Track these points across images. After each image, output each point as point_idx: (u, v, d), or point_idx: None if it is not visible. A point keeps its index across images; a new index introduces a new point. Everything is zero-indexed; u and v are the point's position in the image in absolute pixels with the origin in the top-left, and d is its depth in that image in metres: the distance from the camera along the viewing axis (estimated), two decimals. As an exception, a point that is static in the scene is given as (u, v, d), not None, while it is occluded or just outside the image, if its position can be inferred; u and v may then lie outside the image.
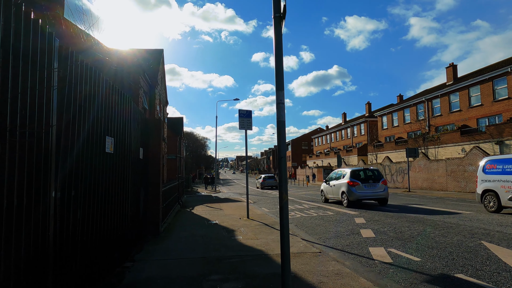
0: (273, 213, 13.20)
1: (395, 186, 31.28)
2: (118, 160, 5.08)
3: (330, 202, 16.34)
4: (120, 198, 5.26)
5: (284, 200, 3.36)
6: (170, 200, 12.34)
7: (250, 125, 11.60)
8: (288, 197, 18.50)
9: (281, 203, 3.46)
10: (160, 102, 16.88)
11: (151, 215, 8.10)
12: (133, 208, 6.32)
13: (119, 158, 5.17)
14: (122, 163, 5.36)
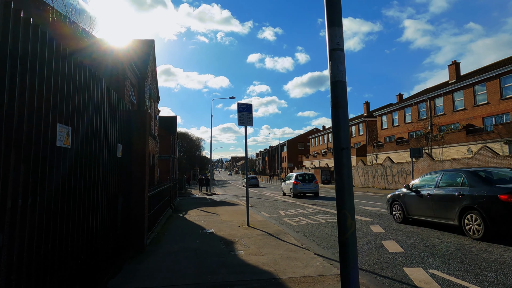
0: (275, 219, 11.90)
1: (396, 187, 30.15)
2: (79, 158, 3.73)
3: (286, 195, 23.72)
4: (84, 210, 3.91)
5: (350, 231, 2.04)
6: (160, 205, 10.98)
7: (251, 120, 10.29)
8: (288, 200, 16.99)
9: (344, 235, 2.04)
10: (150, 97, 15.50)
11: (135, 225, 6.75)
12: (106, 220, 4.98)
13: (82, 156, 3.83)
14: (87, 162, 4.01)
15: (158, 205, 10.00)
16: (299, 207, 15.64)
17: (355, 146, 48.33)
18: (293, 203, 17.96)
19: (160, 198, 11.09)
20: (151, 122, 14.07)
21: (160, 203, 10.74)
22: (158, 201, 10.34)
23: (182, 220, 11.59)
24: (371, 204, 16.14)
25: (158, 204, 10.22)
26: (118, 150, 5.68)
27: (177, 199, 19.49)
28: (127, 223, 6.48)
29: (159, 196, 10.83)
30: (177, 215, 13.29)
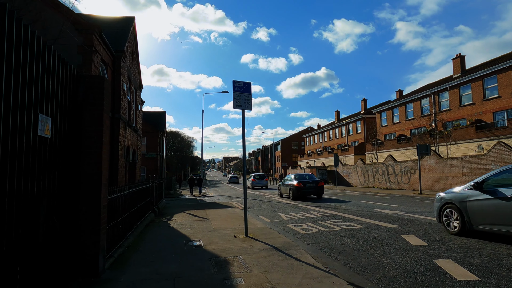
0: (277, 225, 9.84)
1: (399, 187, 28.41)
2: None
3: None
4: None
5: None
6: (137, 209, 8.84)
7: (249, 103, 8.22)
8: (288, 201, 14.89)
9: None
10: (130, 83, 13.32)
11: (83, 243, 4.62)
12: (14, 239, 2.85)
13: None
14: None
15: (130, 211, 7.84)
16: (303, 210, 13.60)
17: (352, 144, 46.58)
18: (294, 205, 15.92)
19: (136, 201, 8.94)
20: (124, 104, 11.93)
21: (135, 207, 8.60)
22: (132, 205, 8.19)
23: (164, 228, 9.44)
24: (384, 205, 14.19)
25: (132, 208, 8.08)
26: (41, 126, 3.54)
27: (163, 201, 17.30)
28: (66, 240, 4.35)
29: (135, 199, 8.69)
30: (160, 221, 11.14)
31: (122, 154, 11.42)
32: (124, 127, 11.60)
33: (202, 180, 30.11)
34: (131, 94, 13.32)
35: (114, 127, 10.85)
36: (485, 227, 6.59)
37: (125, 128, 11.85)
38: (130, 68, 13.29)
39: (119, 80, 11.07)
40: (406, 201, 16.15)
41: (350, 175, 37.73)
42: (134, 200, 9.04)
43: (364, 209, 12.89)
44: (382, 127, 39.24)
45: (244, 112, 8.17)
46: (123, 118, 11.35)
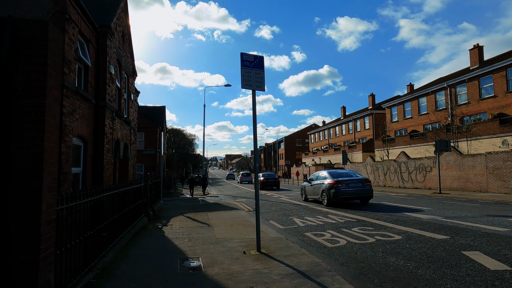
0: (294, 233, 8.13)
1: (413, 186, 26.63)
2: None
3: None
4: None
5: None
6: (122, 216, 7.16)
7: (262, 81, 6.49)
8: (299, 203, 13.07)
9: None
10: (120, 67, 11.60)
11: (14, 280, 2.91)
12: None
13: None
14: None
15: (112, 218, 6.14)
16: (318, 213, 11.88)
17: (360, 141, 44.75)
18: (307, 207, 14.18)
19: (122, 205, 7.25)
20: (111, 90, 10.18)
21: (120, 213, 6.90)
22: (115, 210, 6.49)
23: (156, 238, 7.73)
24: (410, 208, 12.44)
25: (115, 214, 6.38)
26: None
27: (160, 201, 15.62)
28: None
29: (121, 202, 7.00)
30: (153, 227, 9.44)
31: (109, 149, 9.72)
32: (111, 117, 9.89)
33: (206, 179, 26.38)
34: (121, 81, 11.62)
35: (99, 116, 9.14)
36: (310, 197, 15.48)
37: (113, 118, 10.14)
38: (121, 51, 11.57)
39: (104, 61, 9.36)
40: (432, 202, 14.39)
41: (359, 173, 35.88)
42: (118, 203, 7.34)
43: (391, 213, 11.14)
44: (392, 122, 37.39)
45: (255, 93, 6.44)
46: (110, 106, 9.64)
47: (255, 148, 6.30)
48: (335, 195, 13.55)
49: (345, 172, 15.40)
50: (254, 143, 6.32)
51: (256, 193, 6.22)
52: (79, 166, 8.30)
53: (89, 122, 8.60)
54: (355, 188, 13.70)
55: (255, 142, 6.32)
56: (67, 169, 7.02)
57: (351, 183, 13.77)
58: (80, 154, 8.38)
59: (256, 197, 6.21)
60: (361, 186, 13.89)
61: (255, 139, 6.31)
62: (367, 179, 14.43)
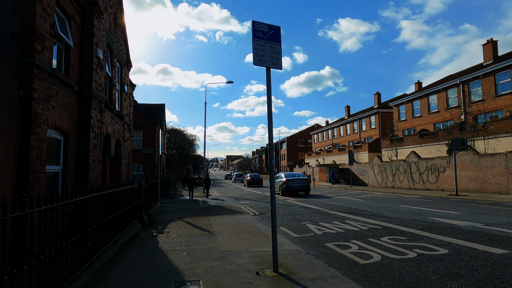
0: (311, 243, 6.84)
1: (425, 187, 25.32)
2: None
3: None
4: None
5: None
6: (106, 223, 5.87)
7: (278, 57, 5.22)
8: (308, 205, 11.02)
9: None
10: (111, 53, 10.32)
11: None
12: None
13: None
14: None
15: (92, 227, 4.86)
16: (333, 217, 10.57)
17: (366, 141, 43.44)
18: (317, 210, 12.89)
19: (107, 211, 5.98)
20: (100, 77, 8.86)
21: (104, 220, 5.62)
22: (98, 217, 5.21)
23: (147, 251, 6.43)
24: (436, 212, 11.13)
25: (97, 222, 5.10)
26: None
27: (157, 204, 14.33)
28: None
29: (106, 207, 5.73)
30: (147, 235, 8.16)
31: (97, 145, 8.44)
32: (99, 108, 8.61)
33: (210, 180, 23.05)
34: (112, 69, 10.36)
35: (84, 106, 7.87)
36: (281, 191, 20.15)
37: (102, 110, 8.86)
38: (112, 35, 10.30)
39: (91, 43, 8.09)
40: (456, 206, 13.08)
41: (365, 173, 34.64)
42: (104, 208, 6.08)
43: (417, 218, 9.83)
44: (400, 121, 36.05)
45: (270, 72, 5.15)
46: (98, 96, 8.36)
47: (271, 140, 5.01)
48: (285, 188, 20.62)
49: (294, 173, 23.20)
50: (269, 133, 5.03)
51: (272, 197, 4.91)
52: (58, 164, 7.01)
53: (71, 112, 7.32)
54: (298, 184, 20.77)
55: (270, 132, 5.03)
56: (39, 167, 5.74)
57: (296, 181, 20.85)
58: (59, 150, 7.10)
59: (272, 202, 4.90)
60: (302, 183, 20.96)
61: (270, 128, 5.02)
62: (307, 178, 21.96)
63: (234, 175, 57.11)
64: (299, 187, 20.66)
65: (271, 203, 4.86)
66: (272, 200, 4.86)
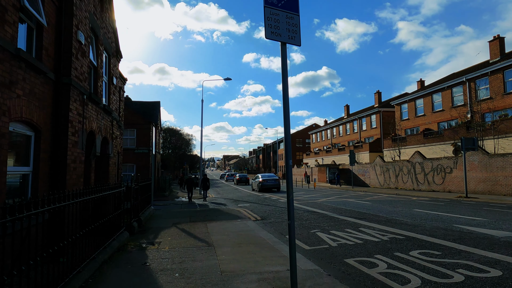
0: (329, 259, 5.77)
1: (430, 188, 24.37)
2: None
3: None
4: None
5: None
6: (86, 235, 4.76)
7: (296, 31, 4.12)
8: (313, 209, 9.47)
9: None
10: (96, 39, 9.17)
11: None
12: None
13: None
14: None
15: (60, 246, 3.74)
16: (344, 224, 9.51)
17: (366, 140, 42.50)
18: (325, 215, 11.83)
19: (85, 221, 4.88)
20: (81, 65, 7.69)
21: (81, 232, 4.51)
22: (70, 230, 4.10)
23: (132, 271, 5.30)
24: (457, 218, 10.09)
25: (70, 237, 3.99)
26: None
27: (150, 208, 13.19)
28: None
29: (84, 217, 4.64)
30: (135, 246, 7.04)
31: (77, 142, 7.31)
32: (81, 100, 7.48)
33: (208, 180, 20.55)
34: (98, 58, 9.22)
35: (61, 97, 6.73)
36: (254, 188, 28.45)
37: (84, 103, 7.72)
38: (97, 19, 9.16)
39: (70, 25, 6.98)
40: (474, 210, 12.07)
41: (366, 174, 33.68)
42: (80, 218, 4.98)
43: (441, 225, 8.78)
44: (402, 120, 35.10)
45: (286, 49, 4.06)
46: (79, 86, 7.23)
47: (287, 132, 3.93)
48: (262, 186, 26.72)
49: (269, 175, 29.27)
50: (285, 123, 3.94)
51: (290, 208, 3.81)
52: (27, 165, 5.88)
53: (43, 103, 6.19)
54: (271, 183, 27.00)
55: (286, 121, 3.93)
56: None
57: (269, 181, 27.12)
58: (29, 148, 5.97)
59: (290, 215, 3.80)
60: (274, 182, 27.25)
61: (287, 116, 3.93)
62: (278, 178, 28.40)
63: (226, 175, 64.92)
64: (272, 185, 26.98)
65: (288, 216, 3.76)
66: (289, 211, 3.76)
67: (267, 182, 26.78)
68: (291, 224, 3.75)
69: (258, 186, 27.01)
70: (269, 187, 26.66)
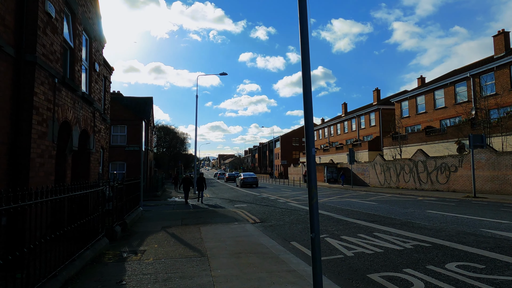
0: (345, 273, 4.72)
1: (433, 188, 23.47)
2: None
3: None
4: None
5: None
6: (43, 245, 3.61)
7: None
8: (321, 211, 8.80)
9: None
10: (74, 18, 8.00)
11: None
12: None
13: None
14: None
15: None
16: (355, 227, 8.45)
17: (365, 139, 41.58)
18: (331, 217, 10.76)
19: (45, 229, 3.73)
20: (52, 42, 6.47)
21: (35, 244, 3.35)
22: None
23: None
24: (480, 220, 9.08)
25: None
26: None
27: (138, 209, 12.03)
28: None
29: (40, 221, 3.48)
30: (113, 256, 5.91)
31: (46, 133, 6.16)
32: (50, 84, 6.32)
33: (204, 180, 18.19)
34: (76, 38, 8.06)
35: (23, 77, 5.57)
36: (237, 184, 34.95)
37: (56, 87, 6.57)
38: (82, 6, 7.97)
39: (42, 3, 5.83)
40: (492, 212, 11.10)
41: (366, 173, 32.76)
42: (42, 224, 3.85)
43: (465, 229, 7.75)
44: (402, 118, 34.19)
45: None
46: (48, 66, 6.07)
47: (307, 107, 2.82)
48: (243, 183, 32.54)
49: (249, 173, 35.63)
50: (304, 85, 2.83)
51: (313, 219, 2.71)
52: (-26, 159, 4.74)
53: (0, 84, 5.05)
54: (251, 180, 32.65)
55: (305, 80, 2.83)
56: None
57: (249, 178, 32.77)
58: (-22, 138, 4.82)
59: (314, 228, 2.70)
60: (253, 179, 32.92)
61: (307, 79, 2.82)
62: (255, 176, 34.51)
63: (218, 173, 73.08)
64: (251, 182, 32.81)
65: (311, 228, 2.66)
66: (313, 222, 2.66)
67: (247, 179, 32.68)
68: (316, 240, 2.65)
69: (240, 182, 33.61)
70: (249, 183, 32.49)
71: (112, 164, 23.88)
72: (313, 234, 2.69)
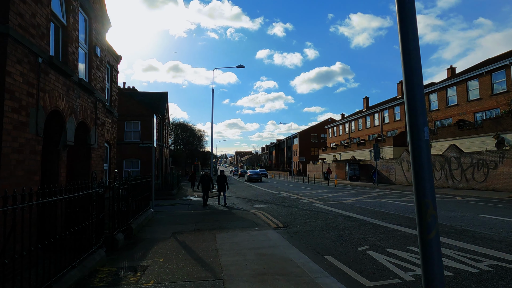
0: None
1: (469, 186, 21.54)
2: None
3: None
4: None
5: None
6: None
7: None
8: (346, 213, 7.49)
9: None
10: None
11: None
12: None
13: None
14: None
15: None
16: (400, 237, 7.02)
17: (389, 134, 39.51)
18: (364, 221, 9.32)
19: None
20: (33, 13, 5.30)
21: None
22: None
23: None
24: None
25: None
26: None
27: (149, 210, 10.91)
28: None
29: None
30: (109, 275, 4.76)
31: (27, 123, 5.06)
32: (32, 63, 5.19)
33: (226, 178, 15.27)
34: (70, 14, 6.94)
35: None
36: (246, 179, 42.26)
37: (40, 68, 5.44)
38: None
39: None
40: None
41: (391, 170, 30.90)
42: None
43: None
44: (431, 111, 31.99)
45: None
46: (28, 41, 4.94)
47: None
48: (249, 178, 40.45)
49: (255, 171, 45.71)
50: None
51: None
52: None
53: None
54: (256, 176, 40.69)
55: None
56: None
57: (255, 174, 41.08)
58: None
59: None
60: (257, 175, 41.07)
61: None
62: (261, 173, 44.55)
63: (233, 170, 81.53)
64: (257, 177, 40.34)
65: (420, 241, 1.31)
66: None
67: (252, 175, 40.56)
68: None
69: (247, 177, 41.20)
70: (255, 178, 40.02)
71: (126, 161, 23.08)
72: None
